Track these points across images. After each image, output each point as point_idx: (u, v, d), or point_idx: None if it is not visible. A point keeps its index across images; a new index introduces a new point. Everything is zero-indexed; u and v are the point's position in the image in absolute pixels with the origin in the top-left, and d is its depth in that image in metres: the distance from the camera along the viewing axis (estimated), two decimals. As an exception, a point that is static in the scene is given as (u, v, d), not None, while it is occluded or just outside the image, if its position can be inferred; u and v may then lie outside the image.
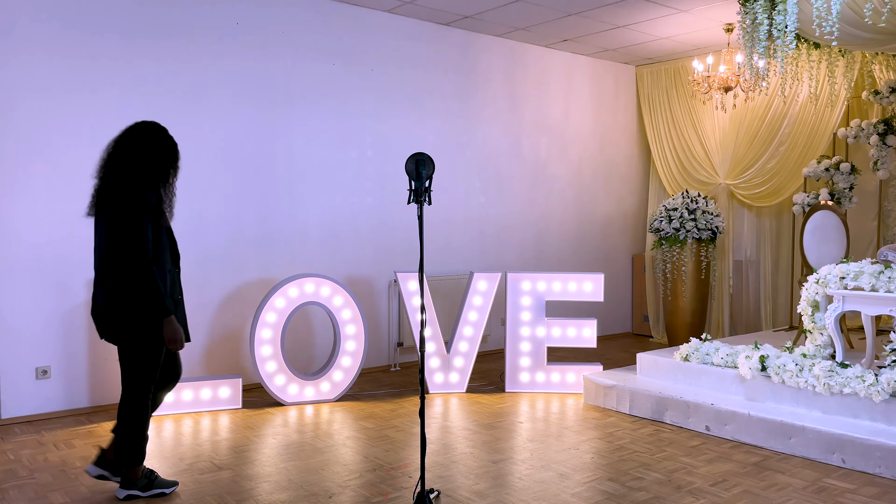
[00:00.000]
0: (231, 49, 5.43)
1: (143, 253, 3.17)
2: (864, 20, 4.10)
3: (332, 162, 6.00)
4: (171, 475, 3.71)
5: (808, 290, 4.58)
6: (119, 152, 3.30)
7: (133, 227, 3.16)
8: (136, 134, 3.33)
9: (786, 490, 3.54)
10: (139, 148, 3.29)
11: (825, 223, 5.62)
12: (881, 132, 6.12)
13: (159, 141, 3.36)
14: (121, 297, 3.23)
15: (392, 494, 3.47)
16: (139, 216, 3.18)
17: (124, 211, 3.18)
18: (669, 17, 6.30)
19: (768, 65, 5.39)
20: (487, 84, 6.96)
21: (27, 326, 4.70)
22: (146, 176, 3.28)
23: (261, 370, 5.05)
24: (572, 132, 7.69)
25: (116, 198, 3.21)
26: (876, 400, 3.96)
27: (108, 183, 3.26)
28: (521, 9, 6.10)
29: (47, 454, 4.06)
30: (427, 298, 5.25)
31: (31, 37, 4.65)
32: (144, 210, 3.20)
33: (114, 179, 3.25)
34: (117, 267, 3.23)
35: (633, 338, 8.06)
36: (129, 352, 3.30)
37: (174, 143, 3.44)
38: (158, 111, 5.12)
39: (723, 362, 4.79)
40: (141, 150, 3.29)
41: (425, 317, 3.30)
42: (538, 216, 7.43)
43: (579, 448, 4.19)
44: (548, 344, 5.53)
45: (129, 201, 3.19)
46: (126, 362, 3.33)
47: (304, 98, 5.80)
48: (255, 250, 5.60)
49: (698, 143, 7.69)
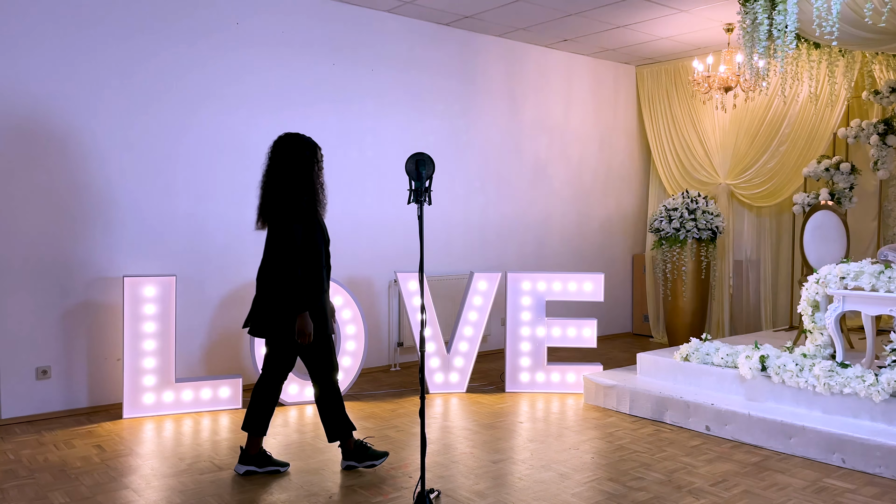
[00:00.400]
0: (231, 49, 5.43)
1: (293, 256, 3.55)
2: (865, 20, 4.10)
3: (332, 162, 5.97)
4: (171, 475, 3.71)
5: (808, 290, 4.58)
6: (268, 168, 3.70)
7: (283, 233, 3.56)
8: (278, 147, 3.70)
9: (786, 490, 3.54)
10: (282, 160, 3.65)
11: (825, 223, 5.62)
12: (881, 132, 6.12)
13: (298, 149, 3.67)
14: (267, 295, 3.64)
15: (392, 494, 3.47)
16: (289, 222, 3.56)
17: (278, 219, 3.59)
18: (669, 17, 6.30)
19: (768, 65, 5.39)
20: (487, 84, 6.96)
21: (27, 326, 4.70)
22: (294, 184, 3.61)
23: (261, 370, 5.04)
24: (572, 132, 7.69)
25: (272, 209, 3.63)
26: (876, 400, 3.96)
27: (264, 197, 3.69)
28: (521, 9, 6.10)
29: (47, 454, 4.06)
30: (427, 298, 5.25)
31: (28, 34, 4.65)
32: (295, 216, 3.57)
33: (267, 193, 3.67)
34: (270, 269, 3.65)
35: (633, 338, 8.06)
36: (270, 345, 3.72)
37: (312, 145, 3.71)
38: (158, 111, 5.13)
39: (723, 362, 4.79)
40: (284, 162, 3.64)
41: (425, 317, 3.30)
42: (538, 216, 7.43)
43: (579, 448, 4.19)
44: (548, 344, 5.53)
45: (281, 210, 3.58)
46: (267, 353, 3.75)
47: (304, 98, 5.80)
48: (256, 250, 5.58)
49: (698, 142, 7.69)
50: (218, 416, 4.87)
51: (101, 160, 4.93)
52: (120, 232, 5.01)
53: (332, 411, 3.77)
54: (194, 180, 5.30)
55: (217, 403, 5.00)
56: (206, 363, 5.38)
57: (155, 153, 5.13)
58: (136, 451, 4.11)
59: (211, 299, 5.39)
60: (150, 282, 4.78)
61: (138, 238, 5.08)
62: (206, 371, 5.37)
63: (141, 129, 5.07)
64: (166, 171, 5.18)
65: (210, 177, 5.37)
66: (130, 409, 4.76)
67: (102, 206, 4.94)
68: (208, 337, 5.39)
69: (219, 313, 5.43)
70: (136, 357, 4.74)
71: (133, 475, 3.74)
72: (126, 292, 4.71)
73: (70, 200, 4.82)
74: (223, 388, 5.03)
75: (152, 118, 5.11)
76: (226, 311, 5.46)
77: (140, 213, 5.08)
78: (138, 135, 5.06)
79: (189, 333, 5.25)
